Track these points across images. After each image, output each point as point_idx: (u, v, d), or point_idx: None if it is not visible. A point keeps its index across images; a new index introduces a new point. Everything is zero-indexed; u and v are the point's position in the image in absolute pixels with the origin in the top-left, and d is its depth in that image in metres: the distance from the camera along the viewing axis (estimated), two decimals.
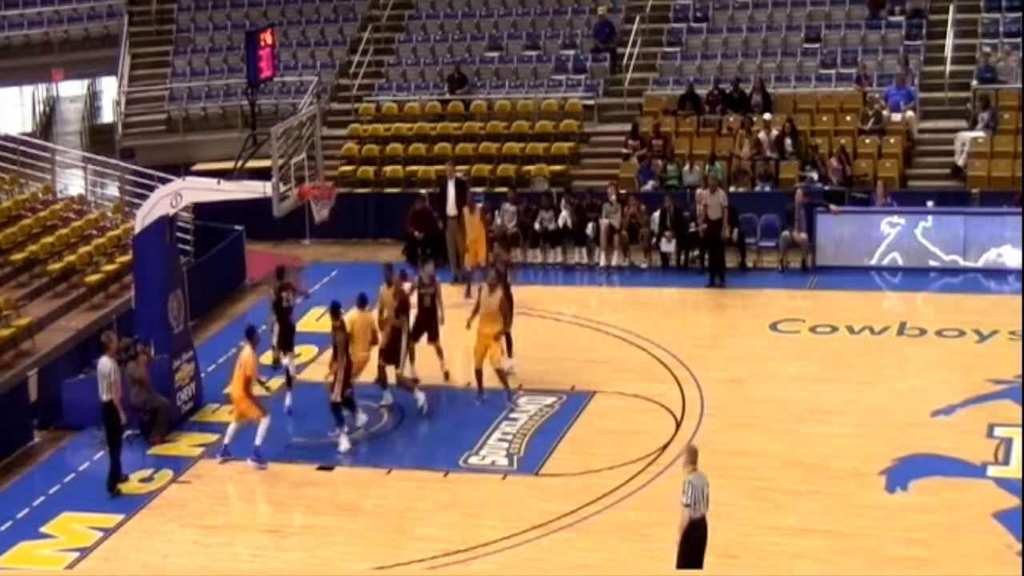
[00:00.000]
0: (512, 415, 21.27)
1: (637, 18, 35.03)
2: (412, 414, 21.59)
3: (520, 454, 20.10)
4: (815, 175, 29.63)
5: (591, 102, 33.84)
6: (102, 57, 39.17)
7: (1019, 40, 31.72)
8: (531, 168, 32.23)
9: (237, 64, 35.24)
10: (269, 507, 19.05)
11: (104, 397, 19.43)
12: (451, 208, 28.27)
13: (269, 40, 23.67)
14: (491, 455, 20.07)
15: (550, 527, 17.82)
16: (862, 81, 32.03)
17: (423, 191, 30.56)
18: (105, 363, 19.54)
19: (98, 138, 40.55)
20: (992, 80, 31.22)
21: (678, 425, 20.69)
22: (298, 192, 21.73)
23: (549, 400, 21.69)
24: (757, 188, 30.24)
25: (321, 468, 20.01)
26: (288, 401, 21.96)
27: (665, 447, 19.90)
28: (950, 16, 32.89)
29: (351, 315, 21.28)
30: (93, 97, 44.32)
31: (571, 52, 35.24)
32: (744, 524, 17.37)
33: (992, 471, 18.69)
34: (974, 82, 31.42)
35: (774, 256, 28.06)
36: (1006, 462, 18.92)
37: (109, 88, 40.71)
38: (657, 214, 28.46)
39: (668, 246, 28.09)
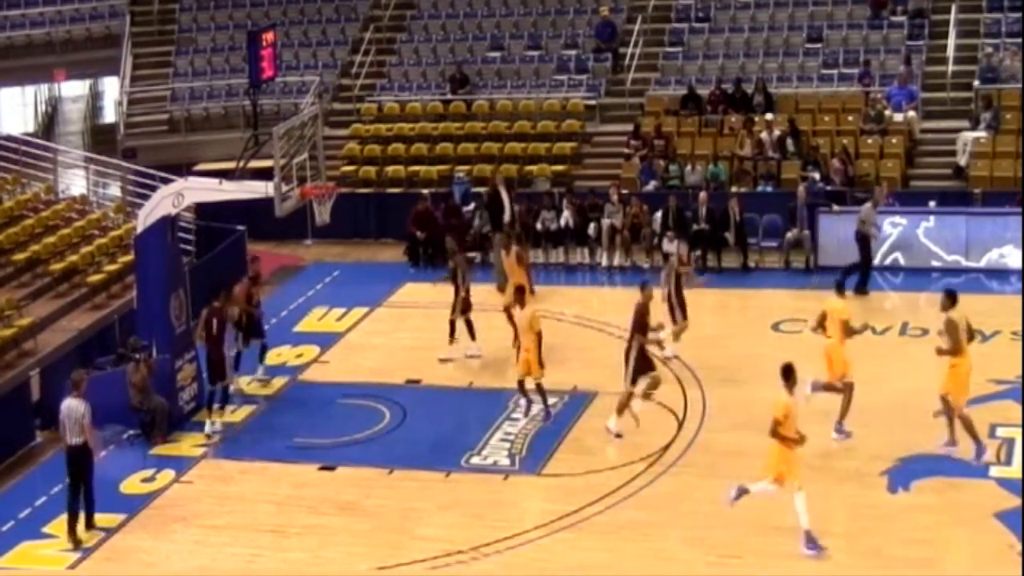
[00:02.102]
0: (514, 415, 21.29)
1: (639, 18, 35.05)
2: (415, 414, 21.61)
3: (522, 454, 20.13)
4: (817, 175, 29.64)
5: (593, 102, 33.87)
6: (104, 57, 39.19)
7: (1020, 40, 31.73)
8: (533, 168, 32.25)
9: (239, 64, 35.28)
10: (271, 507, 19.01)
11: (72, 440, 18.04)
12: (507, 215, 28.32)
13: (271, 40, 23.65)
14: (493, 455, 20.08)
15: (552, 527, 17.83)
16: (865, 79, 32.02)
17: (425, 191, 30.62)
18: (73, 405, 17.99)
19: (100, 138, 40.60)
20: (994, 80, 31.22)
21: (680, 425, 20.71)
22: (300, 192, 21.74)
23: (551, 400, 21.67)
24: (759, 188, 30.25)
25: (323, 468, 20.01)
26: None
27: (667, 447, 19.91)
28: (952, 16, 32.91)
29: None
30: (95, 97, 44.36)
31: (573, 52, 35.26)
32: (747, 524, 17.34)
33: (994, 471, 18.68)
34: (976, 82, 31.42)
35: (776, 256, 28.06)
36: (1008, 462, 18.92)
37: (111, 88, 40.73)
38: (659, 214, 28.48)
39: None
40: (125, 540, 18.31)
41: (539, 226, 29.15)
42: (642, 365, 20.18)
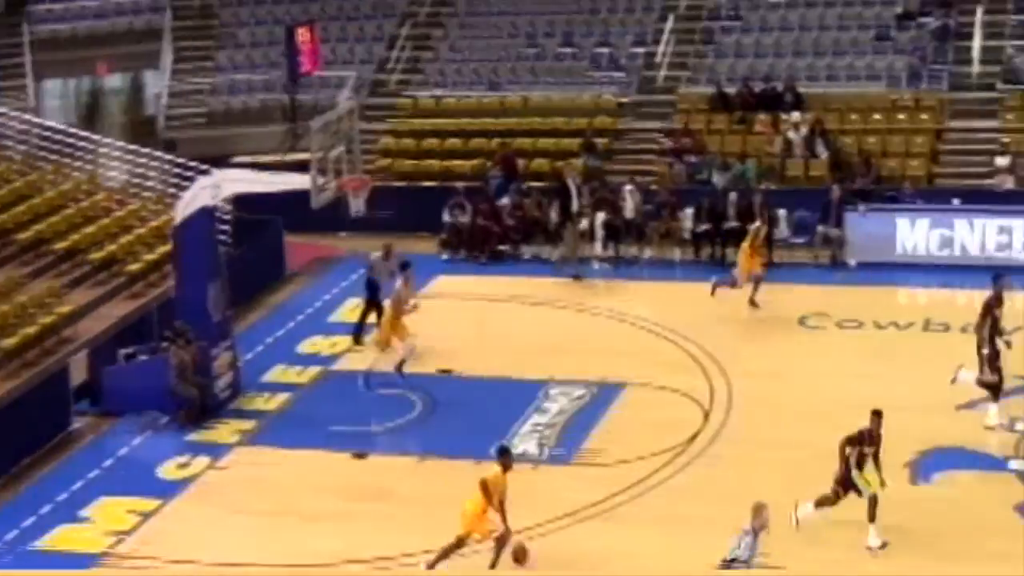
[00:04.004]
0: (544, 405, 21.69)
1: (671, 16, 35.36)
2: (446, 404, 22.02)
3: (551, 444, 20.52)
4: (847, 173, 29.95)
5: (625, 99, 34.22)
6: (146, 51, 39.64)
7: None
8: (560, 163, 32.52)
9: (278, 59, 35.76)
10: (305, 494, 19.40)
11: None
12: (575, 204, 28.70)
13: (309, 35, 24.09)
14: (523, 444, 20.42)
15: (580, 515, 18.22)
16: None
17: (459, 184, 31.05)
18: None
19: (140, 130, 41.07)
20: (1016, 81, 31.55)
21: (706, 417, 21.09)
22: (336, 185, 22.17)
23: (580, 392, 22.09)
24: (787, 185, 30.60)
25: (356, 455, 20.44)
26: None
27: (693, 438, 20.30)
28: (977, 17, 33.11)
29: None
30: (136, 90, 44.87)
31: (606, 50, 35.60)
32: (781, 514, 17.65)
33: (1013, 464, 19.04)
34: (999, 83, 31.76)
35: (803, 252, 28.41)
36: None
37: (152, 81, 41.24)
38: (691, 209, 28.89)
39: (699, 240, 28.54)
40: (161, 524, 18.75)
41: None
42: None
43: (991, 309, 20.13)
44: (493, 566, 16.76)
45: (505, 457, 17.19)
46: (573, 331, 24.80)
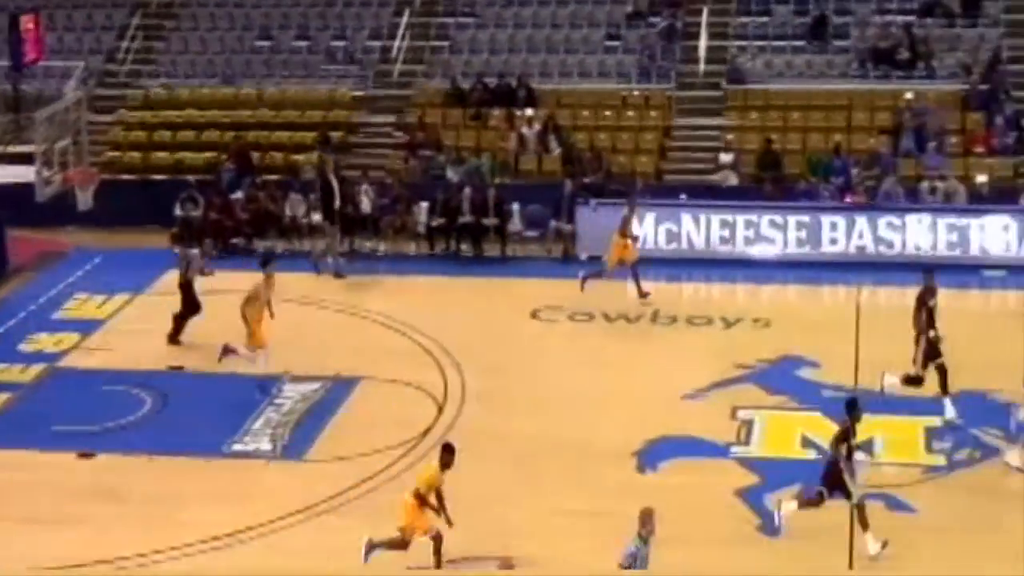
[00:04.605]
0: (277, 401, 21.55)
1: (407, 11, 35.47)
2: (177, 401, 21.68)
3: (285, 440, 20.39)
4: (579, 168, 30.56)
5: (361, 93, 34.21)
6: None
7: (766, 42, 33.44)
8: (299, 157, 32.37)
9: (1, 47, 34.56)
10: (28, 495, 18.78)
11: None
12: (337, 200, 28.17)
13: (32, 24, 23.40)
14: (255, 441, 20.28)
15: (313, 511, 18.14)
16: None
17: (191, 178, 30.60)
18: None
19: None
20: (740, 80, 32.76)
21: (440, 411, 21.24)
22: (63, 178, 21.62)
23: (314, 386, 22.00)
24: (521, 180, 31.05)
25: (82, 455, 19.92)
26: None
27: (427, 432, 20.41)
28: (703, 18, 34.14)
29: None
30: None
31: (341, 43, 35.51)
32: (516, 506, 18.03)
33: (735, 451, 19.72)
34: (724, 82, 32.90)
35: (536, 246, 28.87)
36: (748, 442, 19.98)
37: None
38: (426, 204, 29.07)
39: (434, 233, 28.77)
40: None
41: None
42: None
43: (925, 302, 20.39)
44: (437, 566, 16.45)
45: (446, 454, 16.58)
46: (307, 325, 24.66)
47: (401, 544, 16.42)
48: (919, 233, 27.82)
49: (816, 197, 29.22)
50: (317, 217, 28.95)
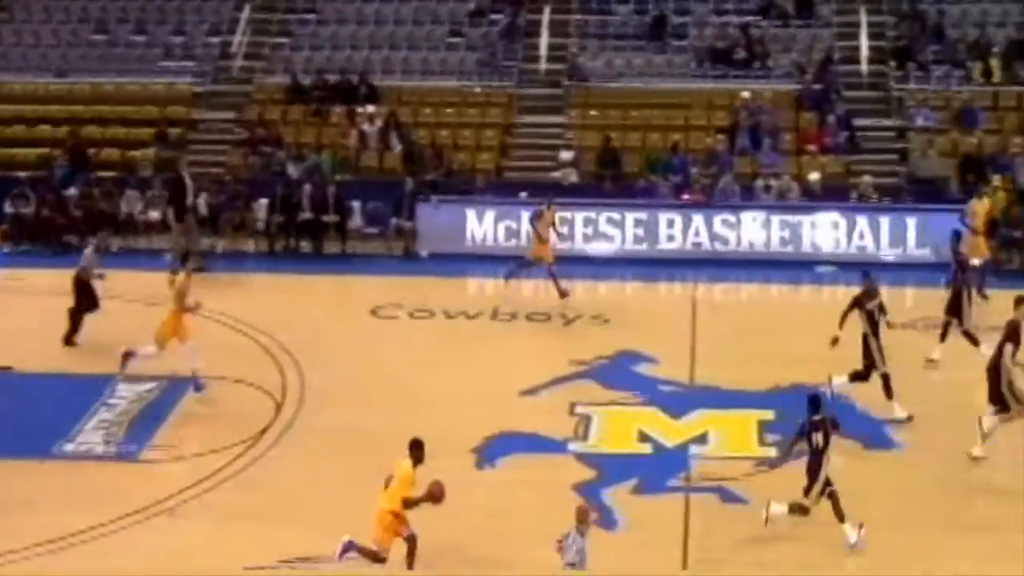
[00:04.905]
0: (110, 401, 21.18)
1: (247, 7, 35.14)
2: (4, 401, 21.20)
3: (119, 439, 20.04)
4: (420, 165, 30.56)
5: (200, 89, 33.79)
6: None
7: (607, 41, 33.76)
8: (136, 153, 31.87)
9: None
10: None
11: None
12: (190, 198, 27.93)
13: None
14: (88, 442, 19.91)
15: (147, 512, 17.81)
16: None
17: (22, 174, 30.03)
18: None
19: None
20: (580, 78, 33.00)
21: (278, 409, 21.07)
22: None
23: (149, 386, 21.67)
24: (362, 177, 30.96)
25: None
26: None
27: (265, 430, 20.24)
28: (545, 16, 34.38)
29: None
30: None
31: (180, 39, 35.05)
32: (356, 503, 17.71)
33: (573, 447, 19.86)
34: (564, 80, 33.12)
35: (377, 243, 28.80)
36: (585, 438, 20.15)
37: None
38: (265, 201, 28.84)
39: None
40: None
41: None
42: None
43: (862, 304, 20.47)
44: (410, 567, 16.04)
45: (416, 450, 16.13)
46: (143, 324, 24.20)
47: (378, 559, 15.98)
48: (754, 230, 28.37)
49: (655, 195, 29.61)
50: (155, 214, 28.53)
